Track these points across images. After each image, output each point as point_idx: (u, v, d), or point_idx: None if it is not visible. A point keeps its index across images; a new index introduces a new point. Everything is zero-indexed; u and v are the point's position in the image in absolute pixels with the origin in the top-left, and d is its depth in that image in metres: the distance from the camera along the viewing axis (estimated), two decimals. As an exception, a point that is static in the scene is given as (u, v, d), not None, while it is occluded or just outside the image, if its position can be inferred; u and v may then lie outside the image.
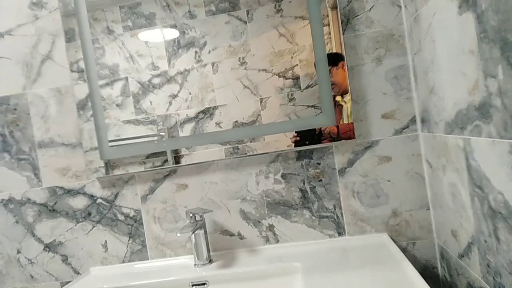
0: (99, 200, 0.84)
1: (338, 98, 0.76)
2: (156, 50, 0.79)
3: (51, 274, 0.85)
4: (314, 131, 0.76)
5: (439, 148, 0.66)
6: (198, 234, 0.75)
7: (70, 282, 0.82)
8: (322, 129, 0.76)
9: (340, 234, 0.79)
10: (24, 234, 0.86)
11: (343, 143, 0.77)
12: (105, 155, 0.81)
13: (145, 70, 0.80)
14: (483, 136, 0.49)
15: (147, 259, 0.83)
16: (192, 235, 0.74)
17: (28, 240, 0.86)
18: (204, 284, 0.71)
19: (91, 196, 0.84)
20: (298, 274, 0.67)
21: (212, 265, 0.75)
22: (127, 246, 0.84)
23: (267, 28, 0.76)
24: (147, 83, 0.80)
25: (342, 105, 0.76)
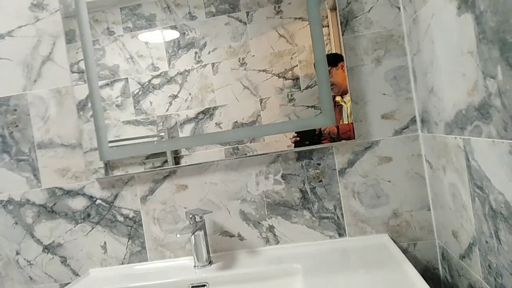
0: (99, 201, 0.84)
1: (338, 98, 0.76)
2: (156, 51, 0.79)
3: (50, 276, 0.85)
4: (314, 131, 0.76)
5: (439, 148, 0.66)
6: (198, 235, 0.74)
7: (69, 283, 0.81)
8: (322, 129, 0.76)
9: (340, 235, 0.78)
10: (23, 235, 0.86)
11: (343, 143, 0.77)
12: (104, 155, 0.81)
13: (145, 71, 0.80)
14: (483, 136, 0.48)
15: (147, 261, 0.83)
16: (192, 236, 0.74)
17: (27, 241, 0.85)
18: (204, 285, 0.71)
19: (91, 197, 0.84)
20: (299, 275, 0.67)
21: (212, 266, 0.75)
22: (127, 248, 0.83)
23: (267, 29, 0.76)
24: (147, 83, 0.80)
25: (342, 105, 0.76)
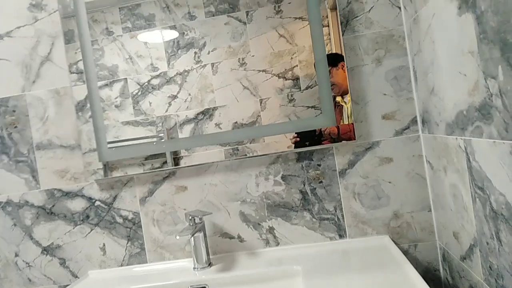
0: (98, 203, 0.83)
1: (338, 98, 0.75)
2: (156, 51, 0.79)
3: (49, 278, 0.85)
4: (314, 131, 0.75)
5: (440, 149, 0.66)
6: (198, 237, 0.74)
7: (68, 285, 0.81)
8: (322, 129, 0.75)
9: (341, 237, 0.78)
10: (22, 237, 0.85)
11: (343, 144, 0.77)
12: (103, 156, 0.80)
13: (144, 71, 0.80)
14: (484, 137, 0.48)
15: (146, 263, 0.82)
16: (191, 238, 0.74)
17: (26, 243, 0.85)
18: (203, 287, 0.70)
19: (90, 199, 0.84)
20: (299, 277, 0.66)
21: (212, 268, 0.74)
22: (126, 249, 0.83)
23: (267, 29, 0.76)
24: (146, 84, 0.80)
25: (342, 105, 0.75)
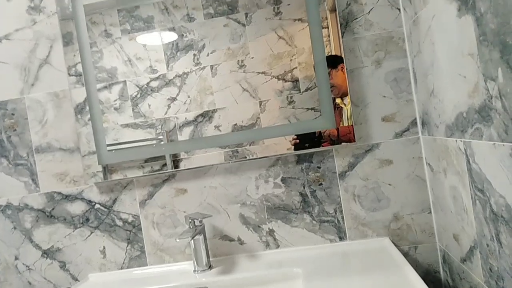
0: (97, 206, 0.83)
1: (338, 100, 0.75)
2: (155, 53, 0.79)
3: (49, 281, 0.84)
4: (314, 133, 0.75)
5: (440, 151, 0.66)
6: (198, 240, 0.74)
7: (68, 288, 0.81)
8: (322, 131, 0.75)
9: (341, 239, 0.78)
10: (22, 240, 0.85)
11: (343, 146, 0.76)
12: (103, 159, 0.80)
13: (143, 74, 0.80)
14: (484, 139, 0.48)
15: (146, 265, 0.82)
16: (191, 240, 0.74)
17: (25, 246, 0.85)
18: (203, 290, 0.70)
19: (89, 202, 0.83)
20: (299, 279, 0.66)
21: (212, 271, 0.74)
22: (126, 252, 0.83)
23: (266, 30, 0.76)
24: (145, 86, 0.80)
25: (342, 107, 0.75)
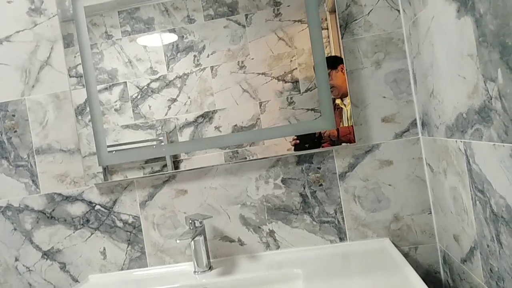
0: (98, 207, 0.83)
1: (338, 101, 0.75)
2: (155, 54, 0.79)
3: (49, 282, 0.84)
4: (314, 134, 0.75)
5: (440, 151, 0.66)
6: (198, 241, 0.74)
7: (68, 289, 0.81)
8: (322, 132, 0.76)
9: (341, 240, 0.78)
10: (22, 241, 0.85)
11: (343, 147, 0.77)
12: (103, 160, 0.80)
13: (143, 75, 0.80)
14: (484, 139, 0.48)
15: (146, 266, 0.82)
16: (192, 241, 0.74)
17: (26, 247, 0.85)
18: (204, 291, 0.70)
19: (90, 203, 0.83)
20: (299, 280, 0.66)
21: (212, 272, 0.74)
22: (126, 253, 0.83)
23: (266, 32, 0.76)
24: (145, 87, 0.80)
25: (342, 108, 0.75)
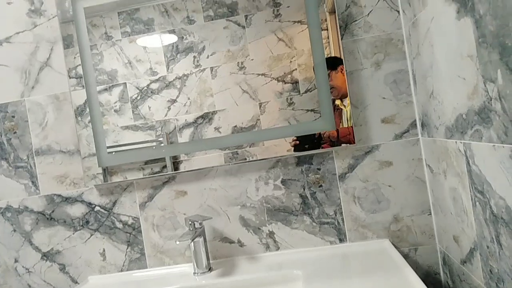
0: (97, 208, 0.83)
1: (338, 102, 0.75)
2: (155, 55, 0.79)
3: (49, 284, 0.84)
4: (313, 135, 0.75)
5: (440, 152, 0.66)
6: (197, 242, 0.74)
7: (68, 291, 0.81)
8: (322, 132, 0.75)
9: (341, 241, 0.78)
10: (22, 242, 0.85)
11: (343, 148, 0.76)
12: (103, 161, 0.80)
13: (143, 76, 0.80)
14: (484, 140, 0.48)
15: (146, 268, 0.82)
16: (191, 243, 0.74)
17: (25, 248, 0.85)
18: (203, 292, 0.70)
19: (89, 204, 0.83)
20: (299, 281, 0.66)
21: (212, 273, 0.74)
22: (126, 255, 0.83)
23: (266, 32, 0.76)
24: (145, 88, 0.80)
25: (342, 109, 0.75)
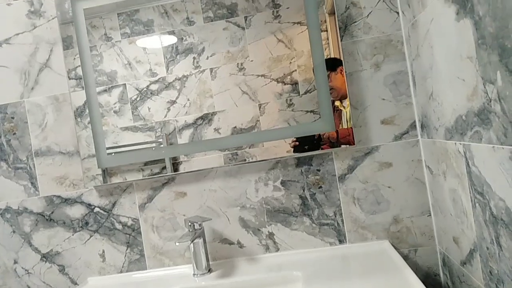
0: (97, 209, 0.83)
1: (337, 103, 0.75)
2: (154, 56, 0.79)
3: (48, 285, 0.84)
4: (313, 136, 0.75)
5: (439, 153, 0.66)
6: (197, 243, 0.74)
7: (67, 292, 0.81)
8: (321, 134, 0.76)
9: (341, 242, 0.78)
10: (21, 244, 0.85)
11: (342, 149, 0.76)
12: (102, 163, 0.80)
13: (143, 77, 0.80)
14: (483, 142, 0.48)
15: (145, 269, 0.82)
16: (191, 244, 0.73)
17: (25, 250, 0.85)
18: (203, 293, 0.70)
19: (89, 205, 0.83)
20: (299, 282, 0.66)
21: (212, 274, 0.74)
22: (125, 256, 0.82)
23: (265, 34, 0.76)
24: (145, 89, 0.80)
25: (341, 110, 0.75)
